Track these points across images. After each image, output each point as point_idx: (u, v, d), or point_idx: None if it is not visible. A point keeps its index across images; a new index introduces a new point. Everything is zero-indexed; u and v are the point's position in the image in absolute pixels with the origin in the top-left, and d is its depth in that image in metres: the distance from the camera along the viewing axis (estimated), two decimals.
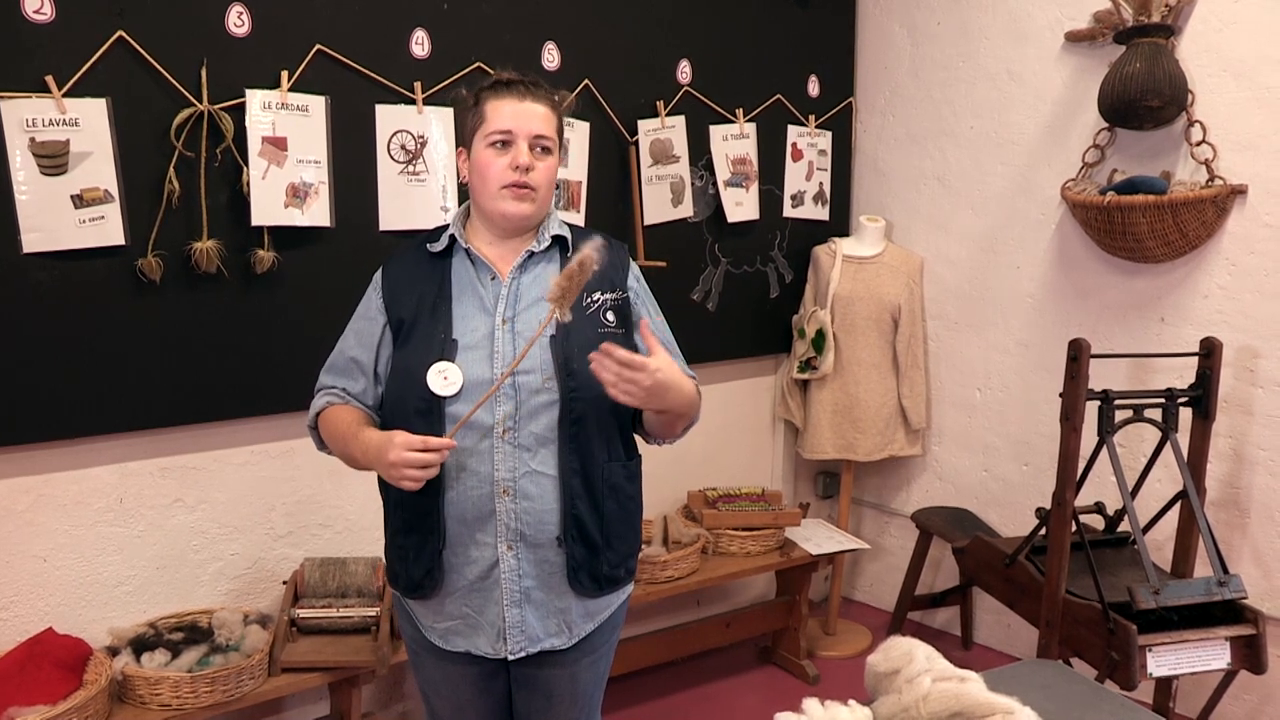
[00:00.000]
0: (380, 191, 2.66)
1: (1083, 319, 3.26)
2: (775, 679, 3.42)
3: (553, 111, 1.72)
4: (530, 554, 1.71)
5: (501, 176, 1.67)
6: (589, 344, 1.65)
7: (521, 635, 1.74)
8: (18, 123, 2.14)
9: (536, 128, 1.68)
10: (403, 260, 1.81)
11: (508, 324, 1.69)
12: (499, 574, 1.71)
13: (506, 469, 1.68)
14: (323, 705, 2.73)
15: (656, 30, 3.20)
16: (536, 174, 1.68)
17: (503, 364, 1.67)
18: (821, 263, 3.63)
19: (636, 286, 1.82)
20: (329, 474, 2.75)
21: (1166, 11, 2.90)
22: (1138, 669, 2.42)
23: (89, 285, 2.29)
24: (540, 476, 1.68)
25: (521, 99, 1.69)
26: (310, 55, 2.51)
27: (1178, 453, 2.67)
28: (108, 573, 2.46)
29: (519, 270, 1.73)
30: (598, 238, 1.76)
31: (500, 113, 1.68)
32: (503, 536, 1.70)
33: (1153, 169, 3.02)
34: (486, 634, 1.75)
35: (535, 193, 1.69)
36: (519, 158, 1.67)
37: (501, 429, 1.67)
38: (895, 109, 3.73)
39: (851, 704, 1.57)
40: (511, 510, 1.68)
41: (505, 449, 1.67)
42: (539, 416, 1.68)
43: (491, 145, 1.68)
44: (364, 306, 1.82)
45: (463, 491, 1.69)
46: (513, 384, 1.67)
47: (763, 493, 3.49)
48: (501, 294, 1.71)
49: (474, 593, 1.73)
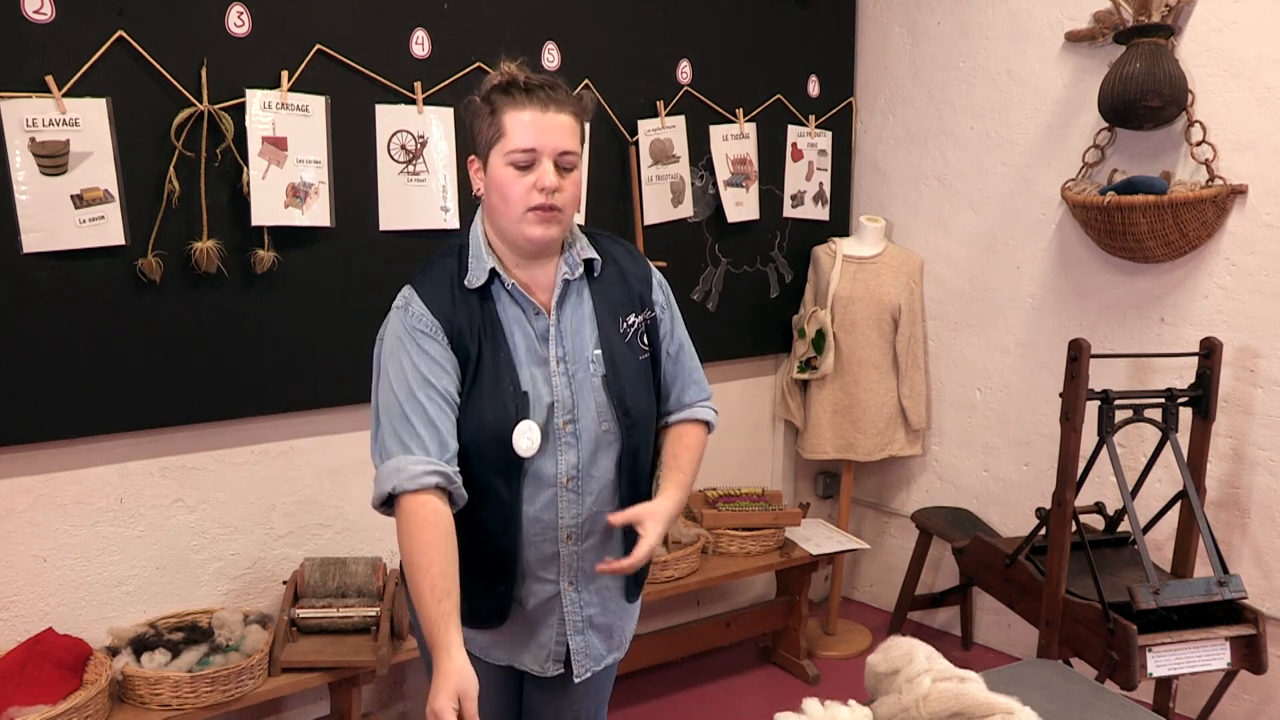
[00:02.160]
0: (380, 191, 2.66)
1: (1083, 319, 3.26)
2: (775, 679, 3.42)
3: (576, 120, 1.58)
4: (591, 584, 1.73)
5: (526, 199, 1.54)
6: (635, 374, 1.67)
7: (587, 658, 1.76)
8: (18, 123, 2.14)
9: (562, 143, 1.54)
10: (441, 298, 1.59)
11: (562, 365, 1.62)
12: (558, 605, 1.72)
13: (570, 516, 1.66)
14: (323, 705, 2.73)
15: (656, 30, 3.20)
16: (563, 194, 1.56)
17: (562, 413, 1.61)
18: (821, 263, 3.63)
19: (661, 299, 1.76)
20: (329, 474, 2.75)
21: (1166, 11, 2.90)
22: (1138, 669, 2.42)
23: (89, 285, 2.29)
24: (600, 516, 1.68)
25: (544, 109, 1.53)
26: (310, 55, 2.50)
27: (1178, 453, 2.66)
28: (108, 573, 2.46)
29: (559, 304, 1.64)
30: (620, 245, 1.75)
31: (521, 128, 1.53)
32: (565, 575, 1.70)
33: (1153, 169, 3.02)
34: (534, 654, 1.76)
35: (562, 213, 1.57)
36: (544, 179, 1.53)
37: (565, 478, 1.64)
38: (895, 109, 3.73)
39: (851, 704, 1.57)
40: (575, 552, 1.68)
41: (569, 497, 1.65)
42: (599, 459, 1.65)
43: (513, 165, 1.54)
44: (428, 345, 1.57)
45: (531, 538, 1.66)
46: (574, 432, 1.62)
47: (763, 493, 3.49)
48: (550, 333, 1.63)
49: (529, 620, 1.73)
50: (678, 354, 1.79)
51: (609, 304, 1.67)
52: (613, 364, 1.64)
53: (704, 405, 1.82)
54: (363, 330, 1.84)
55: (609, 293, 1.68)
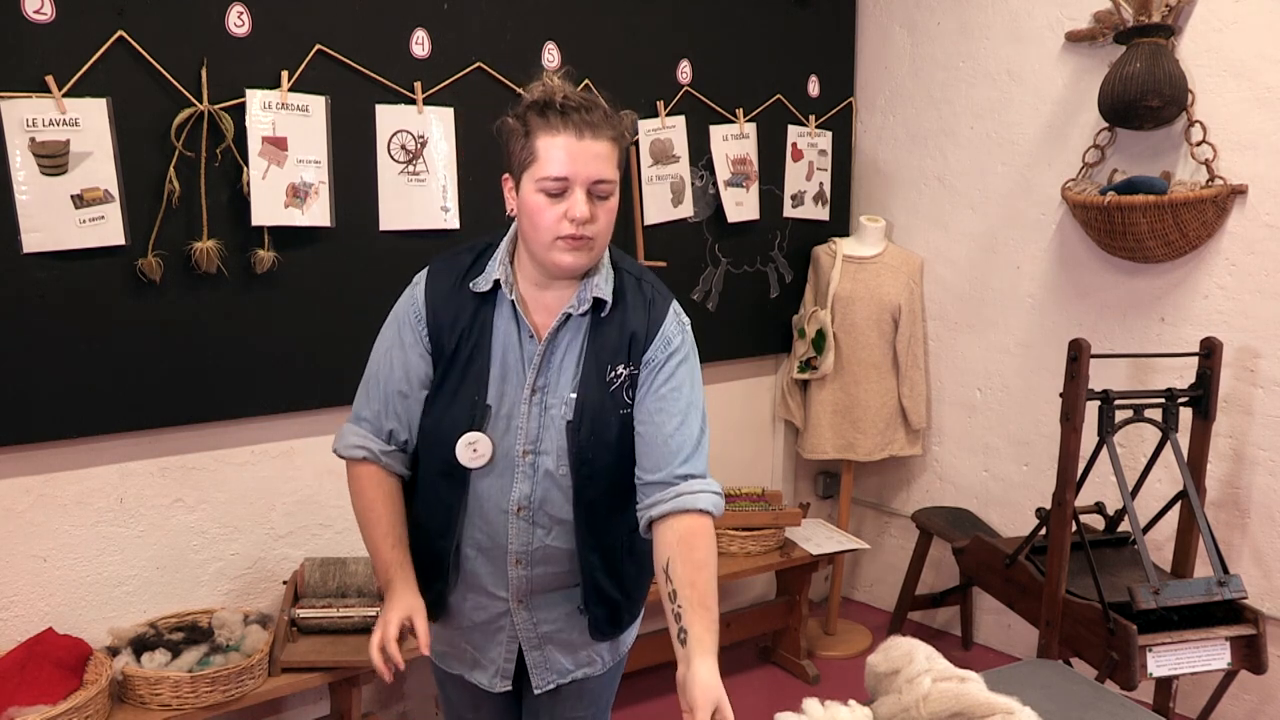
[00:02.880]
0: (380, 191, 2.66)
1: (1083, 319, 3.26)
2: (775, 679, 3.42)
3: (615, 145, 1.51)
4: (546, 607, 1.69)
5: (555, 228, 1.49)
6: (606, 429, 1.58)
7: (548, 670, 1.74)
8: (18, 123, 2.14)
9: (596, 172, 1.48)
10: (441, 289, 1.62)
11: (538, 394, 1.58)
12: (508, 622, 1.70)
13: (520, 543, 1.63)
14: (323, 705, 2.73)
15: (656, 30, 3.20)
16: (595, 225, 1.50)
17: (525, 441, 1.58)
18: (821, 263, 3.63)
19: (661, 356, 1.60)
20: (329, 474, 2.75)
21: (1166, 11, 2.90)
22: (1138, 669, 2.42)
23: (89, 285, 2.29)
24: (556, 550, 1.64)
25: (579, 136, 1.46)
26: (310, 55, 2.50)
27: (1178, 453, 2.67)
28: (108, 573, 2.46)
29: (554, 334, 1.59)
30: (641, 290, 1.62)
31: (554, 155, 1.46)
32: (514, 595, 1.67)
33: (1153, 169, 3.02)
34: (485, 670, 1.75)
35: (594, 241, 1.51)
36: (575, 210, 1.47)
37: (516, 506, 1.61)
38: (895, 109, 3.73)
39: (851, 704, 1.57)
40: (524, 576, 1.66)
41: (520, 525, 1.62)
42: (553, 498, 1.61)
43: (544, 191, 1.48)
44: (406, 333, 1.63)
45: (475, 552, 1.65)
46: (533, 464, 1.59)
47: (763, 493, 3.49)
48: (534, 361, 1.58)
49: (476, 632, 1.72)
50: (673, 405, 1.59)
51: (602, 349, 1.59)
52: (582, 410, 1.57)
53: (703, 489, 1.56)
54: (363, 330, 1.83)
55: (606, 337, 1.60)
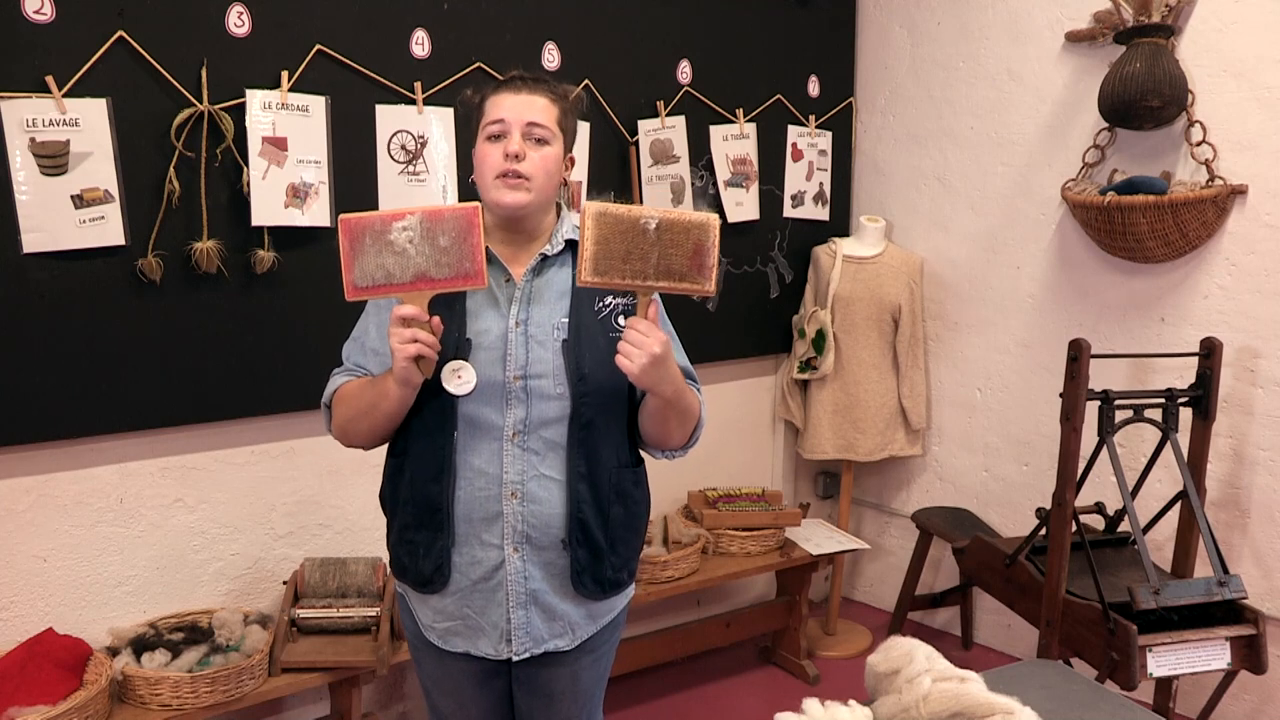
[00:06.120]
0: (380, 192, 2.66)
1: (1083, 319, 3.26)
2: (775, 679, 3.42)
3: (552, 103, 1.70)
4: (536, 556, 1.71)
5: (495, 166, 1.66)
6: (600, 349, 1.67)
7: (527, 637, 1.74)
8: (18, 123, 2.15)
9: (530, 116, 1.66)
10: None
11: (521, 326, 1.68)
12: (504, 576, 1.71)
13: (515, 471, 1.68)
14: (323, 705, 2.73)
15: (656, 30, 3.20)
16: (529, 163, 1.65)
17: (514, 367, 1.67)
18: (821, 263, 3.63)
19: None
20: (329, 474, 2.75)
21: (1166, 11, 2.90)
22: (1138, 669, 2.42)
23: (89, 285, 2.29)
24: (548, 480, 1.69)
25: (518, 92, 1.68)
26: (310, 55, 2.51)
27: (1178, 453, 2.67)
28: (108, 573, 2.46)
29: (532, 273, 1.72)
30: None
31: (497, 105, 1.68)
32: (509, 538, 1.70)
33: (1153, 169, 3.02)
34: (489, 635, 1.75)
35: (529, 182, 1.66)
36: (509, 145, 1.65)
37: (512, 432, 1.67)
38: (895, 109, 3.73)
39: (851, 704, 1.57)
40: (519, 513, 1.69)
41: (515, 452, 1.68)
42: (549, 421, 1.68)
43: (488, 138, 1.67)
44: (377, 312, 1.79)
45: (471, 491, 1.69)
46: (525, 388, 1.67)
47: (763, 493, 3.49)
48: (515, 296, 1.70)
49: (476, 593, 1.73)
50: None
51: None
52: (576, 332, 1.68)
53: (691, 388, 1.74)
54: None
55: None
